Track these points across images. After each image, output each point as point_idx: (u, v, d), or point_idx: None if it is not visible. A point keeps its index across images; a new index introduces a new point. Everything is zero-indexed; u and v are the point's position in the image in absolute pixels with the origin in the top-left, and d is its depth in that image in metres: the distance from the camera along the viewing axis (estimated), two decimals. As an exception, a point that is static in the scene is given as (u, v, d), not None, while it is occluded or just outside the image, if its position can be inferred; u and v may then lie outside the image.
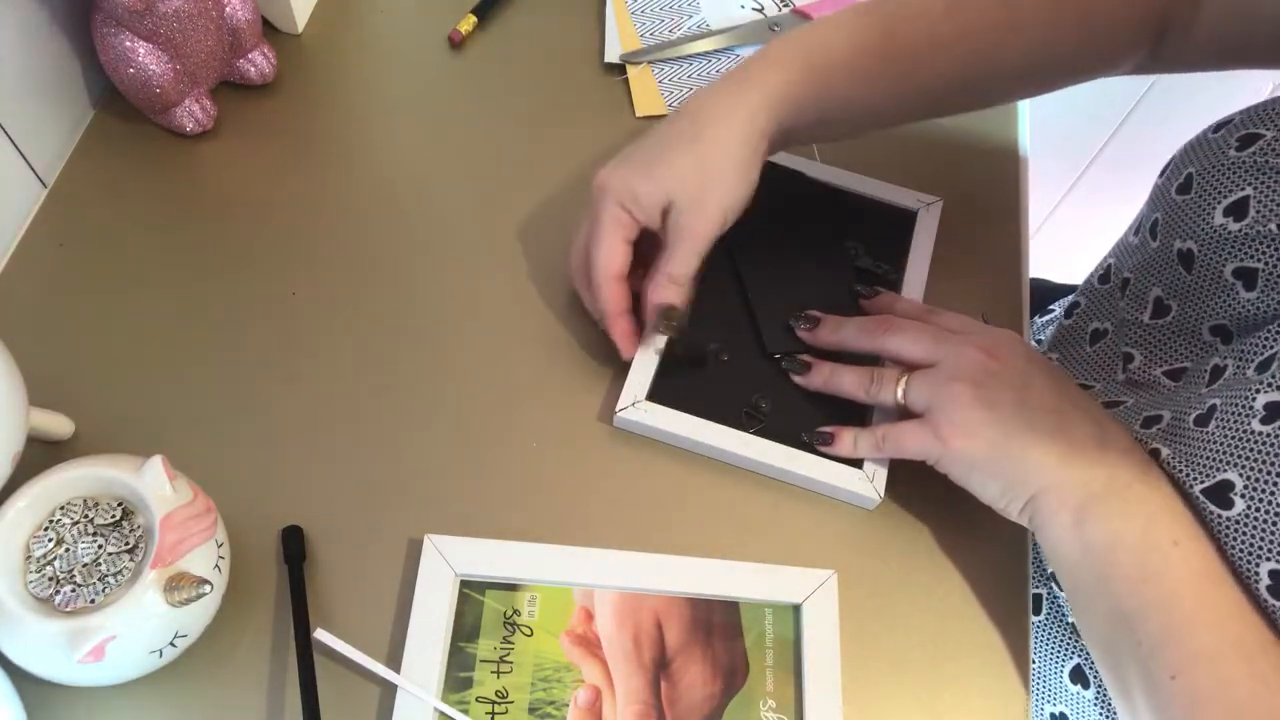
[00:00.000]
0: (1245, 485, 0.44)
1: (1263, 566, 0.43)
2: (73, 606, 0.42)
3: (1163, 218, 0.55)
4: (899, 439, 0.51)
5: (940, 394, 0.50)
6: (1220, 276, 0.51)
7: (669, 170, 0.52)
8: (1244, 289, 0.50)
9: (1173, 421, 0.50)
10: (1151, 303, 0.56)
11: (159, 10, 0.57)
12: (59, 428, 0.52)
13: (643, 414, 0.55)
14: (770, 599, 0.50)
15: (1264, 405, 0.45)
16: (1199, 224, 0.52)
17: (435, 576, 0.49)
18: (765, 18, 0.73)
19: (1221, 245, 0.51)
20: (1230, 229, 0.50)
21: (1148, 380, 0.56)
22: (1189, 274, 0.53)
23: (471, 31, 0.71)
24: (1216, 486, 0.45)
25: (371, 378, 0.56)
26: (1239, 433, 0.45)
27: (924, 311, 0.56)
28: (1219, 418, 0.47)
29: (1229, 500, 0.45)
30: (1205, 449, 0.47)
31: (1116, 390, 0.57)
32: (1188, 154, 0.55)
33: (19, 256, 0.59)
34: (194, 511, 0.44)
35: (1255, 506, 0.44)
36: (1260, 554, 0.43)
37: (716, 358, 0.57)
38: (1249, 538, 0.44)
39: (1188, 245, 0.53)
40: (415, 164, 0.65)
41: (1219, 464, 0.46)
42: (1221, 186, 0.51)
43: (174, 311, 0.58)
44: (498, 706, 0.47)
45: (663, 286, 0.54)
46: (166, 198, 0.62)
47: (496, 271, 0.61)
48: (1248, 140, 0.51)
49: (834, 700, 0.48)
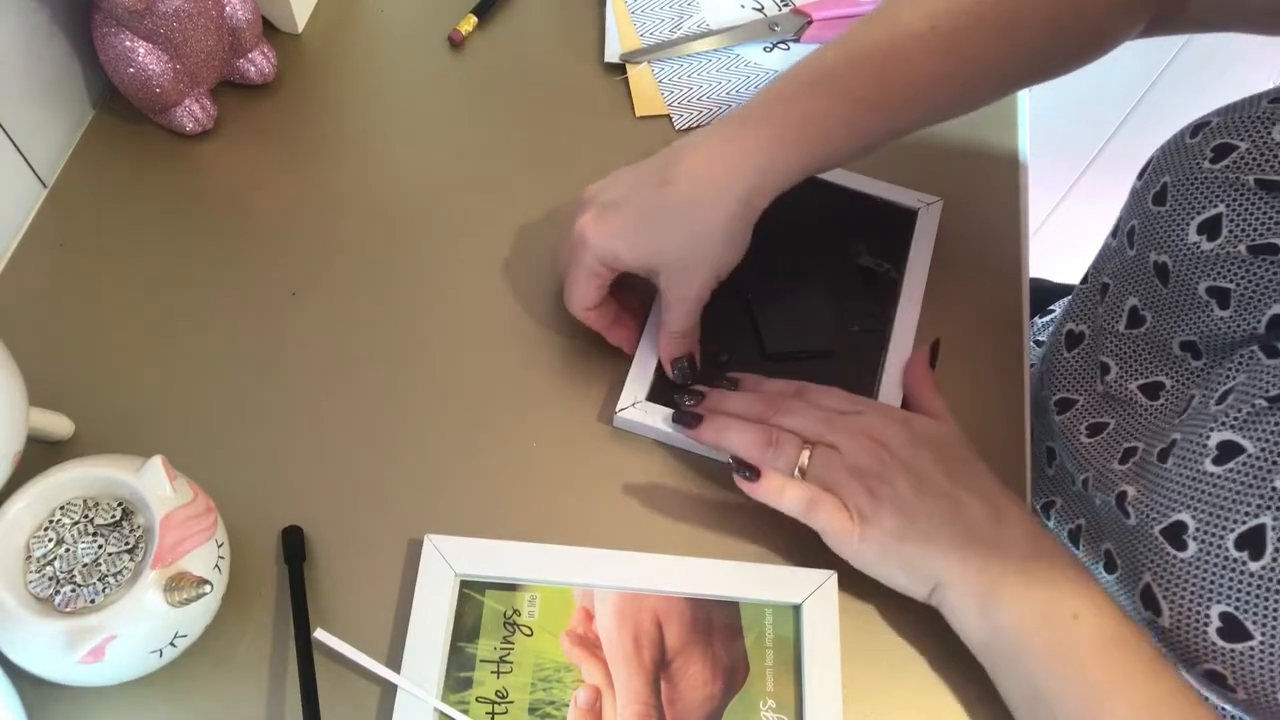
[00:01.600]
0: (1197, 527, 0.45)
1: (1213, 609, 0.44)
2: (73, 606, 0.42)
3: (1139, 226, 0.54)
4: (827, 510, 0.49)
5: (845, 480, 0.49)
6: (1194, 293, 0.51)
7: (654, 245, 0.51)
8: (1218, 307, 0.50)
9: (1143, 454, 0.50)
10: (1127, 312, 0.56)
11: (159, 10, 0.57)
12: (59, 428, 0.52)
13: (643, 414, 0.55)
14: (770, 599, 0.50)
15: (1217, 444, 0.45)
16: (1173, 238, 0.51)
17: (435, 576, 0.49)
18: (765, 17, 0.73)
19: (1195, 262, 0.50)
20: (1204, 248, 0.50)
21: (1124, 395, 0.55)
22: (1165, 287, 0.53)
23: (471, 31, 0.71)
24: (1171, 527, 0.46)
25: (372, 378, 0.56)
26: (1193, 473, 0.46)
27: (803, 390, 0.54)
28: (1176, 454, 0.47)
29: (1183, 542, 0.45)
30: (1163, 488, 0.47)
31: (1098, 405, 0.57)
32: (1164, 159, 0.54)
33: (19, 256, 0.59)
34: (194, 511, 0.44)
35: (1206, 549, 0.44)
36: (1211, 596, 0.44)
37: (716, 358, 0.57)
38: (1200, 580, 0.44)
39: (1163, 258, 0.52)
40: (415, 164, 0.65)
41: (1174, 504, 0.46)
42: (1195, 201, 0.50)
43: (174, 311, 0.58)
44: (498, 706, 0.47)
45: (670, 343, 0.54)
46: (166, 198, 0.62)
47: (497, 271, 0.61)
48: (1222, 151, 0.50)
49: (834, 700, 0.48)
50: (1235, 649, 0.43)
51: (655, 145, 0.66)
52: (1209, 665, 0.45)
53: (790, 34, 0.73)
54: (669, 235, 0.51)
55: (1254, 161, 0.48)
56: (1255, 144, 0.48)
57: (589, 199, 0.54)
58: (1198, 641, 0.45)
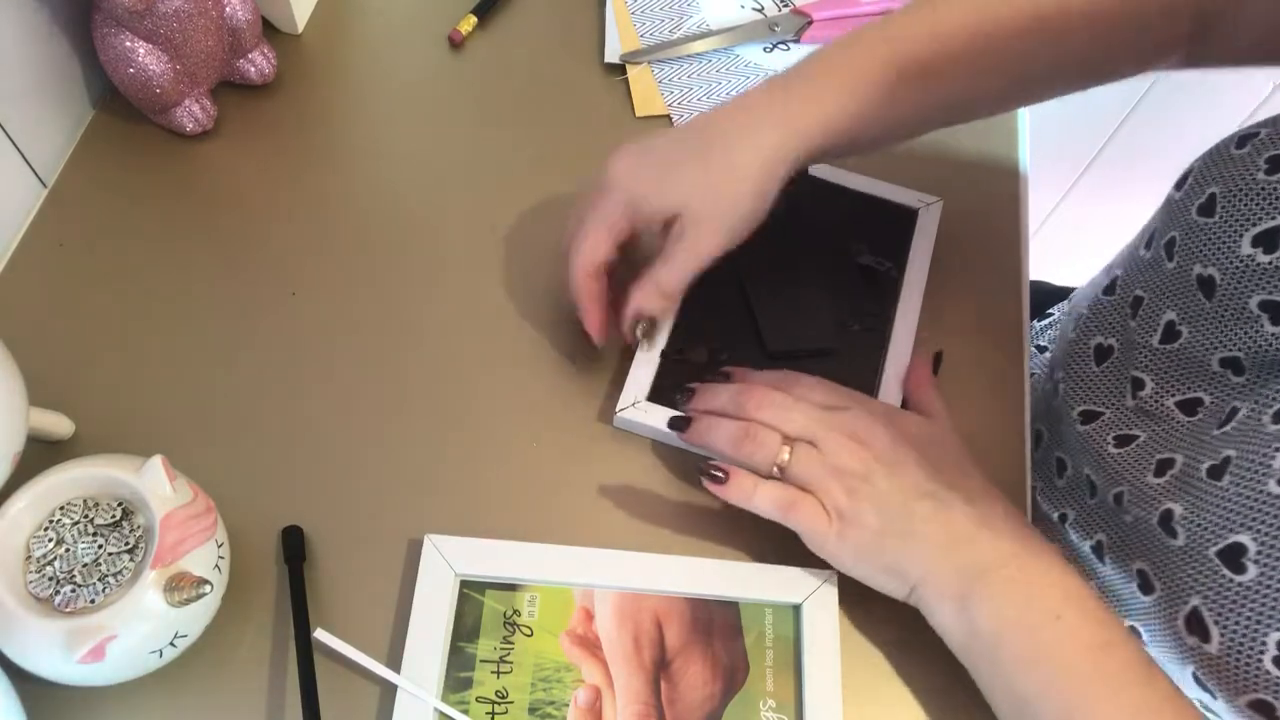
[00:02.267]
0: (1259, 550, 0.43)
1: (1270, 637, 0.42)
2: (73, 606, 0.42)
3: (1181, 238, 0.52)
4: (804, 510, 0.48)
5: (824, 480, 0.48)
6: (1244, 308, 0.49)
7: (684, 186, 0.50)
8: (1269, 322, 0.48)
9: (1185, 468, 0.48)
10: (1163, 327, 0.54)
11: (159, 10, 0.57)
12: (59, 428, 0.52)
13: (643, 414, 0.55)
14: (770, 599, 0.50)
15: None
16: (1223, 251, 0.49)
17: (435, 576, 0.49)
18: (765, 18, 0.73)
19: (1248, 276, 0.48)
20: (1259, 260, 0.47)
21: (1160, 411, 0.53)
22: (1209, 301, 0.50)
23: (471, 31, 0.71)
24: (1230, 549, 0.44)
25: (371, 378, 0.56)
26: (1255, 494, 0.44)
27: (789, 382, 0.52)
28: (1234, 473, 0.45)
29: (1242, 565, 0.43)
30: (1219, 507, 0.45)
31: (1127, 419, 0.55)
32: (1209, 169, 0.51)
33: (19, 256, 0.59)
34: (194, 511, 0.44)
35: (1268, 573, 0.42)
36: (1270, 623, 0.42)
37: (716, 357, 0.57)
38: (1260, 605, 0.42)
39: (1209, 272, 0.50)
40: (415, 164, 0.65)
41: (1232, 525, 0.44)
42: (1249, 213, 0.48)
43: (174, 311, 0.58)
44: (498, 706, 0.47)
45: (649, 295, 0.52)
46: (166, 198, 0.62)
47: (496, 271, 0.61)
48: (1276, 162, 0.48)
49: (834, 700, 0.48)
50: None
51: (655, 145, 0.67)
52: (1258, 695, 0.43)
53: (790, 34, 0.73)
54: (700, 174, 0.50)
55: None
56: None
57: (622, 148, 0.52)
58: (1250, 670, 0.43)
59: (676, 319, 0.58)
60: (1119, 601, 0.53)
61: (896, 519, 0.47)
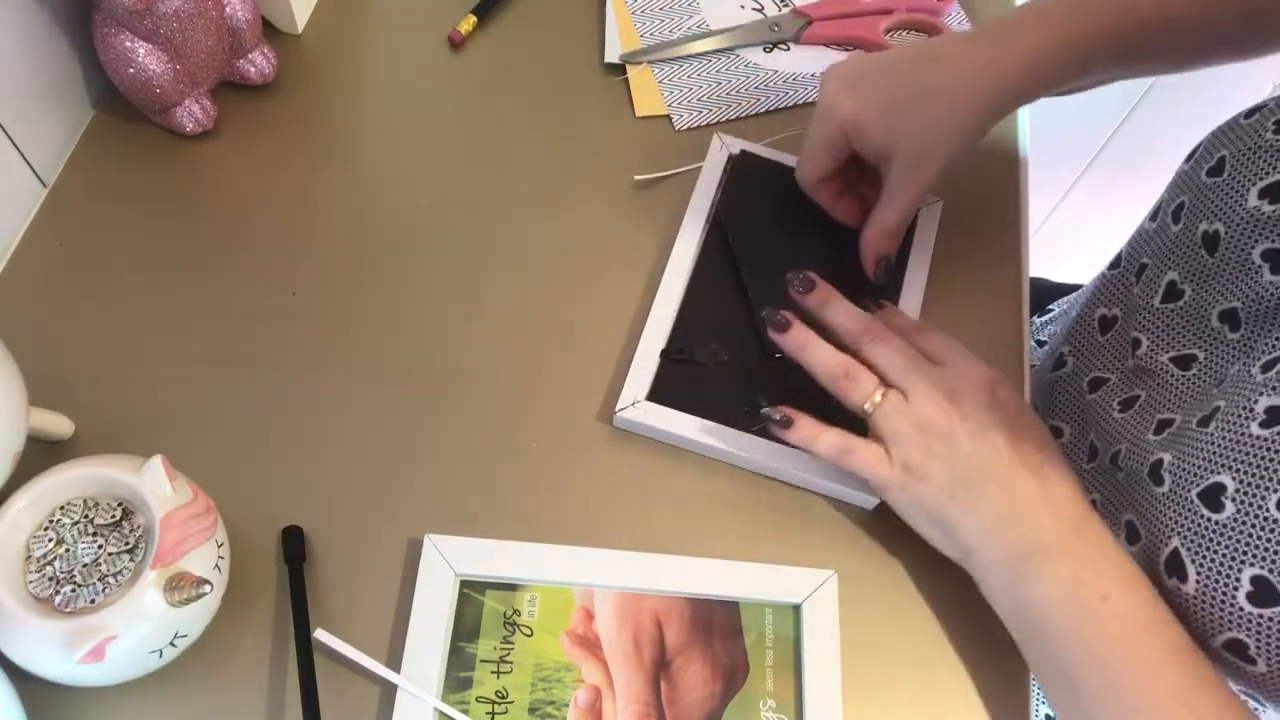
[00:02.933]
0: (1237, 488, 0.44)
1: (1245, 572, 0.43)
2: (73, 606, 0.42)
3: (1189, 200, 0.54)
4: (864, 458, 0.51)
5: (905, 432, 0.50)
6: (1247, 259, 0.51)
7: (904, 124, 0.53)
8: (1269, 271, 0.50)
9: (1181, 424, 0.50)
10: (1164, 287, 0.56)
11: (159, 10, 0.57)
12: (59, 428, 0.52)
13: (643, 414, 0.55)
14: (770, 599, 0.50)
15: (1265, 409, 0.45)
16: (1230, 205, 0.51)
17: (435, 576, 0.49)
18: (765, 18, 0.73)
19: (1253, 227, 0.50)
20: (1265, 210, 0.50)
21: (1155, 367, 0.55)
22: (1211, 256, 0.53)
23: (471, 31, 0.71)
24: (1209, 489, 0.45)
25: (371, 378, 0.56)
26: (1237, 435, 0.45)
27: (914, 328, 0.55)
28: (1219, 419, 0.47)
29: (1220, 504, 0.45)
30: (1203, 451, 0.47)
31: (1129, 380, 0.57)
32: (1219, 138, 0.54)
33: (19, 256, 0.59)
34: (194, 511, 0.44)
35: (1244, 510, 0.44)
36: (1244, 559, 0.43)
37: (716, 358, 0.57)
38: (1234, 542, 0.44)
39: (1215, 227, 0.52)
40: (415, 164, 0.65)
41: (1214, 466, 0.45)
42: (1258, 168, 0.50)
43: (174, 311, 0.58)
44: (498, 706, 0.47)
45: (880, 238, 0.57)
46: (166, 198, 0.62)
47: (496, 271, 0.61)
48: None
49: (834, 700, 0.48)
50: (1264, 614, 0.43)
51: (655, 145, 0.67)
52: (1232, 634, 0.44)
53: (790, 34, 0.73)
54: (920, 116, 0.53)
55: None
56: None
57: (838, 71, 0.55)
58: (1224, 607, 0.44)
59: (677, 319, 0.58)
60: None
61: (963, 484, 0.48)
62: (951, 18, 0.75)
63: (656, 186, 0.65)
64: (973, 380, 0.51)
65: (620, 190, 0.65)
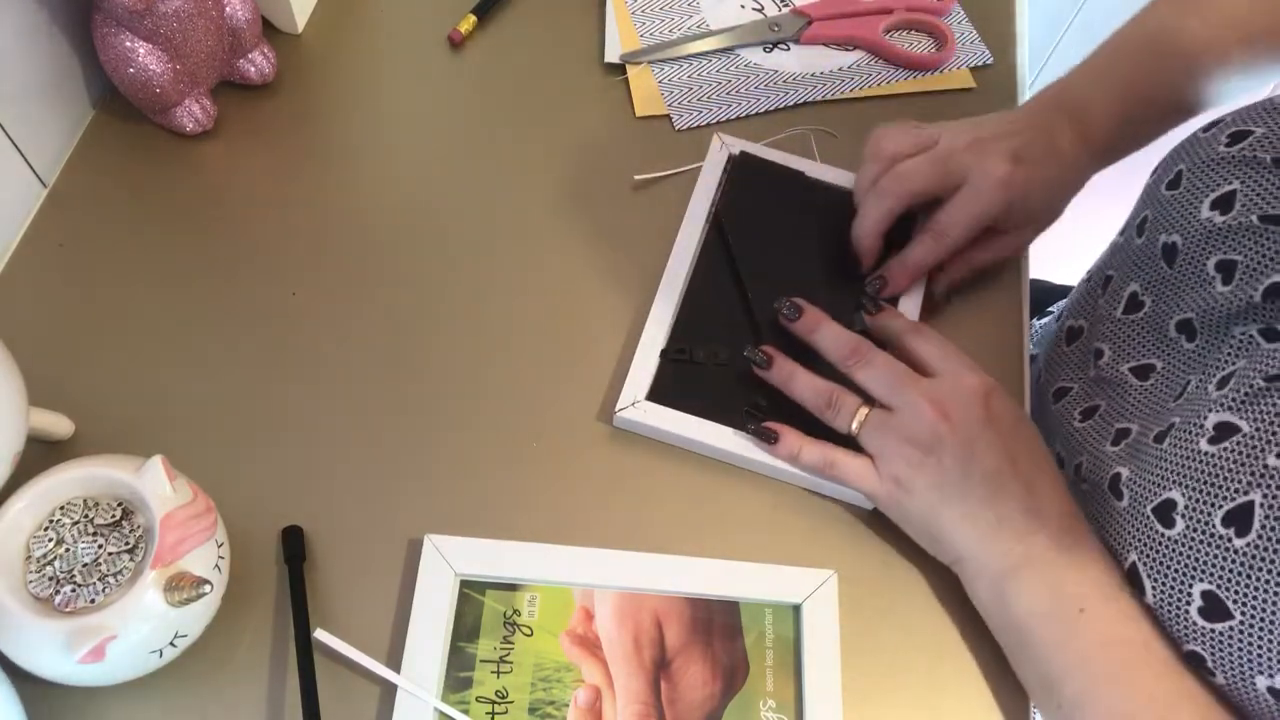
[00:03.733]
0: (1186, 504, 0.45)
1: (1195, 587, 0.44)
2: (73, 606, 0.42)
3: (1152, 214, 0.56)
4: (848, 470, 0.52)
5: (892, 447, 0.51)
6: (1202, 270, 0.52)
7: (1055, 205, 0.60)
8: (1221, 283, 0.51)
9: (1138, 436, 0.51)
10: (1126, 298, 0.57)
11: (159, 10, 0.57)
12: (59, 428, 0.52)
13: (643, 414, 0.55)
14: (770, 599, 0.50)
15: (1214, 425, 0.46)
16: (1186, 217, 0.53)
17: (435, 576, 0.49)
18: (765, 18, 0.73)
19: (1207, 238, 0.52)
20: (1216, 221, 0.51)
21: (1115, 377, 0.56)
22: (1170, 268, 0.54)
23: (471, 31, 0.71)
24: (1162, 505, 0.46)
25: (371, 378, 0.56)
26: (1188, 451, 0.46)
27: (912, 330, 0.55)
28: (1173, 435, 0.48)
29: (1171, 519, 0.45)
30: (1157, 467, 0.47)
31: (1089, 390, 0.58)
32: (1179, 152, 0.55)
33: (19, 256, 0.59)
34: (194, 511, 0.44)
35: (1193, 526, 0.44)
36: (1194, 575, 0.44)
37: (716, 358, 0.57)
38: (1185, 558, 0.44)
39: (1173, 239, 0.53)
40: (415, 164, 0.65)
41: (1166, 482, 0.46)
42: (1210, 181, 0.52)
43: (174, 311, 0.58)
44: (498, 706, 0.47)
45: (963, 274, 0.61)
46: (166, 198, 0.62)
47: (496, 271, 0.61)
48: (1237, 137, 0.51)
49: (834, 700, 0.48)
50: (1215, 629, 0.43)
51: (655, 145, 0.67)
52: (1190, 646, 0.45)
53: (790, 34, 0.73)
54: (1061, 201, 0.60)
55: (1270, 143, 0.50)
56: (1271, 129, 0.50)
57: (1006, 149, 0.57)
58: (1180, 621, 0.45)
59: (676, 319, 0.58)
60: None
61: (952, 497, 0.49)
62: (952, 18, 0.75)
63: (656, 186, 0.65)
64: (964, 391, 0.51)
65: (620, 190, 0.65)
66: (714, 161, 0.65)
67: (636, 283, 0.61)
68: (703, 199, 0.63)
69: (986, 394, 0.50)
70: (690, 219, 0.62)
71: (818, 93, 0.70)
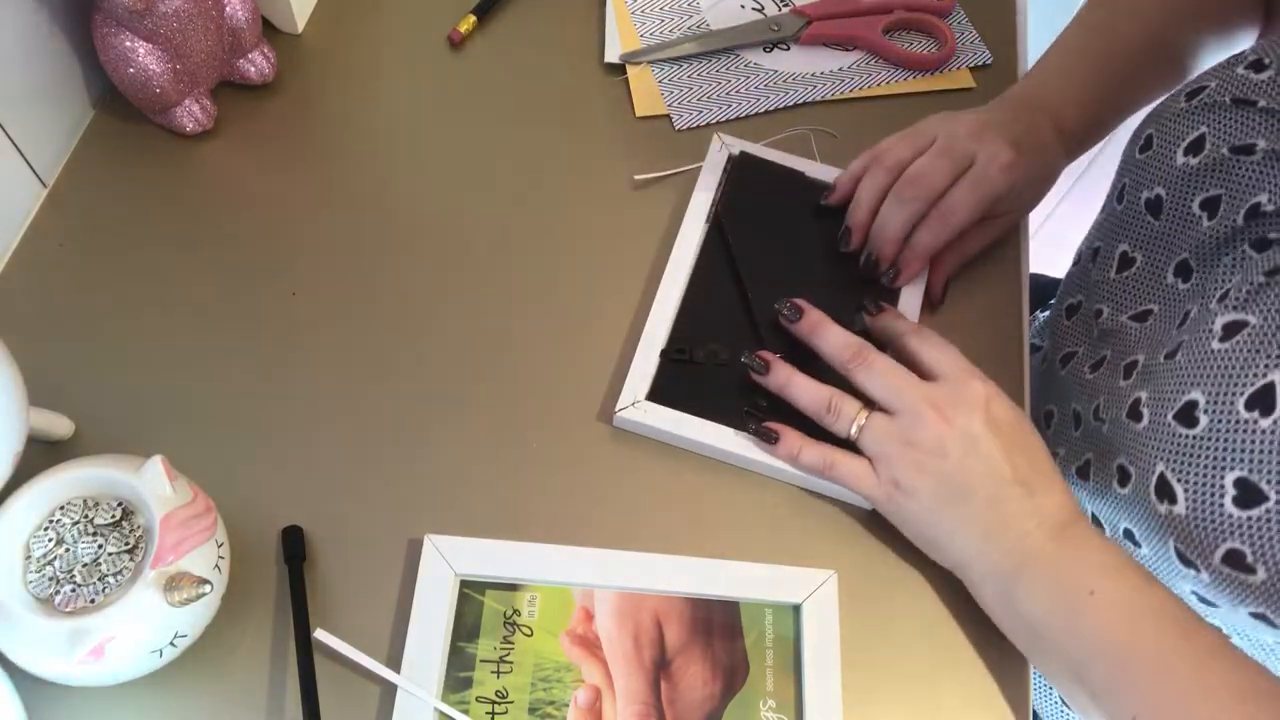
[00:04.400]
0: (1208, 401, 0.46)
1: (1228, 477, 0.44)
2: (73, 606, 0.42)
3: (1130, 180, 0.58)
4: (847, 472, 0.52)
5: (892, 451, 0.51)
6: (1188, 212, 0.54)
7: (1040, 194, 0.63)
8: (1207, 219, 0.53)
9: (1147, 362, 0.52)
10: (1117, 259, 0.59)
11: (159, 10, 0.57)
12: (59, 428, 0.52)
13: (643, 414, 0.55)
14: (770, 599, 0.50)
15: (1222, 326, 0.47)
16: (1164, 169, 0.55)
17: (435, 576, 0.49)
18: (765, 18, 0.73)
19: (1187, 182, 0.54)
20: (1191, 164, 0.53)
21: (1115, 327, 0.58)
22: (1157, 220, 0.56)
23: (471, 31, 0.71)
24: (1183, 409, 0.47)
25: (371, 378, 0.56)
26: (1201, 354, 0.47)
27: (913, 331, 0.55)
28: (1184, 349, 0.49)
29: (1194, 419, 0.46)
30: (1172, 378, 0.48)
31: (1095, 346, 0.59)
32: (1145, 122, 0.59)
33: (19, 256, 0.59)
34: (194, 511, 0.44)
35: (1217, 419, 0.45)
36: (1225, 464, 0.45)
37: (716, 358, 0.57)
38: (1213, 451, 0.45)
39: (1156, 192, 0.55)
40: (415, 164, 0.65)
41: (1184, 387, 0.47)
42: (1178, 131, 0.54)
43: (174, 311, 0.58)
44: (498, 706, 0.47)
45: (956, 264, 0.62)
46: (166, 198, 0.62)
47: (496, 271, 0.61)
48: (1194, 93, 0.54)
49: (834, 700, 0.48)
50: (1252, 515, 0.44)
51: (655, 145, 0.67)
52: (1228, 544, 0.45)
53: (790, 34, 0.73)
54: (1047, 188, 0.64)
55: (1226, 89, 0.53)
56: (1223, 80, 0.53)
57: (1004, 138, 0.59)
58: (1215, 518, 0.45)
59: (676, 319, 0.58)
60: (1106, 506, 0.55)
61: (951, 499, 0.49)
62: (952, 18, 0.75)
63: (656, 186, 0.65)
64: (966, 395, 0.51)
65: (620, 190, 0.65)
66: (714, 161, 0.65)
67: (636, 283, 0.61)
68: (703, 199, 0.63)
69: (988, 399, 0.51)
70: (690, 219, 0.62)
71: (817, 93, 0.70)
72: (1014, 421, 0.51)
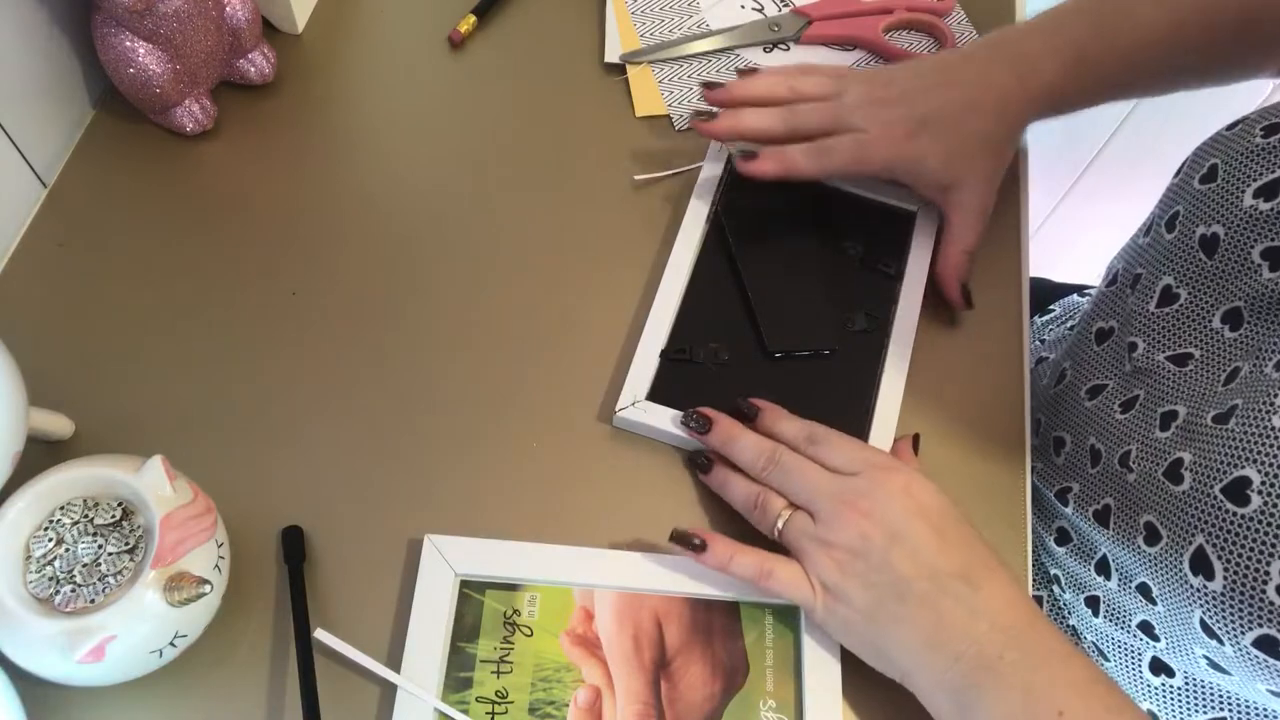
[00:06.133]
0: (1263, 481, 0.43)
1: (1274, 565, 0.42)
2: (73, 606, 0.42)
3: (1184, 209, 0.54)
4: (782, 579, 0.49)
5: (811, 549, 0.48)
6: (1247, 259, 0.51)
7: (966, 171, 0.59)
8: (1268, 270, 0.50)
9: (1189, 418, 0.49)
10: (1159, 292, 0.56)
11: (159, 10, 0.57)
12: (59, 428, 0.52)
13: (642, 414, 0.55)
14: (770, 599, 0.50)
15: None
16: (1226, 208, 0.51)
17: (435, 576, 0.49)
18: (765, 18, 0.73)
19: (1250, 225, 0.50)
20: (1261, 209, 0.50)
21: (1151, 366, 0.55)
22: (1210, 259, 0.52)
23: (471, 31, 0.71)
24: (1234, 484, 0.45)
25: (371, 377, 0.56)
26: (1259, 429, 0.45)
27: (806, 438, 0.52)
28: (1238, 415, 0.46)
29: (1245, 497, 0.44)
30: (1224, 448, 0.46)
31: (1127, 383, 0.56)
32: (1207, 149, 0.54)
33: (19, 256, 0.59)
34: (194, 511, 0.44)
35: (1271, 502, 0.43)
36: (1274, 551, 0.42)
37: (716, 358, 0.57)
38: (1262, 534, 0.43)
39: (1213, 230, 0.52)
40: (415, 164, 0.65)
41: (1237, 461, 0.45)
42: (1250, 171, 0.51)
43: (174, 311, 0.58)
44: (498, 707, 0.47)
45: (963, 265, 0.60)
46: (166, 198, 0.62)
47: (496, 271, 0.61)
48: (1272, 129, 0.50)
49: (834, 700, 0.48)
50: None
51: (655, 145, 0.67)
52: (1263, 630, 0.43)
53: (790, 34, 0.73)
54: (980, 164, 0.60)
55: None
56: None
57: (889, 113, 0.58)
58: (1255, 603, 0.43)
59: (676, 319, 0.58)
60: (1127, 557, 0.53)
61: (886, 601, 0.46)
62: (952, 18, 0.75)
63: (656, 186, 0.65)
64: (885, 486, 0.48)
65: (620, 190, 0.65)
66: (714, 161, 0.65)
67: (637, 282, 0.61)
68: (703, 199, 0.63)
69: (907, 484, 0.48)
70: (690, 219, 0.62)
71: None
72: (941, 507, 0.48)
